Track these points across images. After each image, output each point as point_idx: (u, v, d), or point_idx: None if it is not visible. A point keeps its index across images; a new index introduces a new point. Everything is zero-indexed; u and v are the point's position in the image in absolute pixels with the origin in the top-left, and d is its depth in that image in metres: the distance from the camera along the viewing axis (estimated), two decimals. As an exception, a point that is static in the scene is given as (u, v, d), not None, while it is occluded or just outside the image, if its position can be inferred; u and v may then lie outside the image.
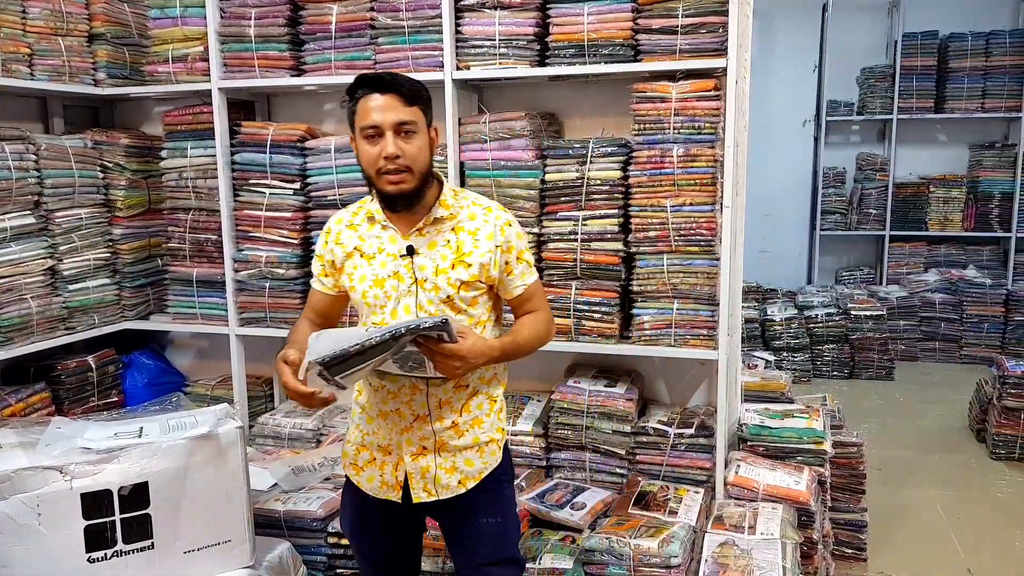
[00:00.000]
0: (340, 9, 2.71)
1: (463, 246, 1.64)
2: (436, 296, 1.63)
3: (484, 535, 1.74)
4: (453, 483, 1.70)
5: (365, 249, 1.67)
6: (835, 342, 5.41)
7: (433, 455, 1.69)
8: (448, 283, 1.62)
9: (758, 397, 3.06)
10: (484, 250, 1.64)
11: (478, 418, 1.72)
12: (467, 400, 1.71)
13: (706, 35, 2.41)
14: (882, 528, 3.11)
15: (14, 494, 1.68)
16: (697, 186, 2.45)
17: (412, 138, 1.56)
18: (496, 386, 1.77)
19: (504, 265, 1.68)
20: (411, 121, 1.56)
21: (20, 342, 2.69)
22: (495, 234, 1.66)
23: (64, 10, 2.87)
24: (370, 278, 1.65)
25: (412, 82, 1.60)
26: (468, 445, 1.71)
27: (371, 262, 1.66)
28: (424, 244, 1.64)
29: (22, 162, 2.67)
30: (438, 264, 1.63)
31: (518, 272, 1.71)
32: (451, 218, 1.66)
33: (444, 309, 1.64)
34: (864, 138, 6.79)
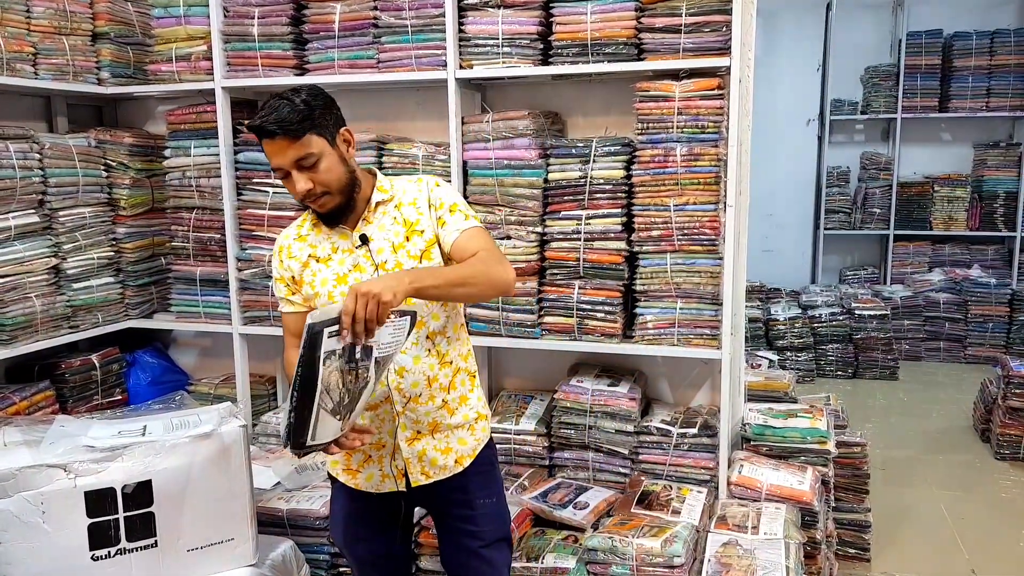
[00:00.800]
0: (343, 8, 2.71)
1: (409, 218, 1.67)
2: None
3: (485, 515, 1.77)
4: (450, 463, 1.73)
5: (319, 254, 1.69)
6: (839, 342, 5.41)
7: (428, 437, 1.72)
8: (408, 256, 1.64)
9: (761, 397, 3.05)
10: (424, 216, 1.67)
11: (464, 395, 1.76)
12: (452, 377, 1.73)
13: (709, 34, 2.41)
14: (886, 528, 3.10)
15: (18, 492, 1.68)
16: (700, 185, 2.44)
17: (316, 165, 1.57)
18: (471, 361, 1.80)
19: (437, 220, 1.68)
20: (307, 154, 1.55)
21: (24, 341, 2.69)
22: (429, 198, 1.69)
23: (68, 9, 2.88)
24: (332, 278, 1.66)
25: (291, 115, 1.53)
26: (460, 424, 1.74)
27: (328, 263, 1.68)
28: (374, 230, 1.67)
29: (26, 161, 2.68)
30: (393, 242, 1.65)
31: (453, 221, 1.67)
32: (391, 199, 1.69)
33: None
34: (868, 137, 6.78)
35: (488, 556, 1.77)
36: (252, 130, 1.58)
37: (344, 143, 1.63)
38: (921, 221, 6.38)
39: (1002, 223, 6.14)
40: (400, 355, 1.63)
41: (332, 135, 1.60)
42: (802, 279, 6.71)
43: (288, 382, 1.64)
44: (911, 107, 6.28)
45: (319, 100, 1.59)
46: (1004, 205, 6.12)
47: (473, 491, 1.76)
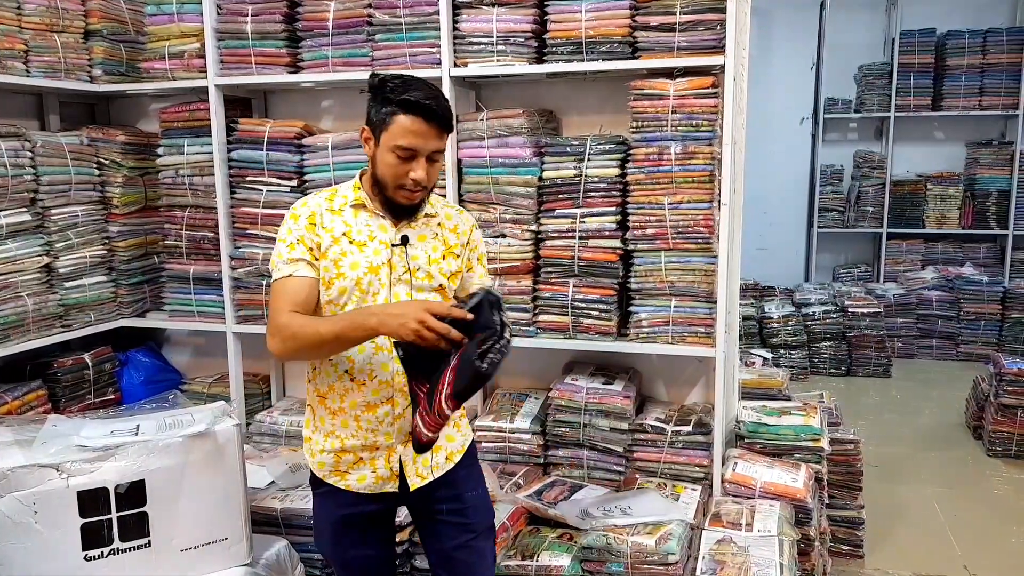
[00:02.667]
0: (337, 6, 2.71)
1: (448, 240, 1.74)
2: (429, 284, 1.68)
3: (474, 507, 1.79)
4: (442, 461, 1.75)
5: (355, 236, 1.65)
6: (832, 339, 5.42)
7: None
8: (441, 272, 1.70)
9: (755, 394, 3.06)
10: (460, 244, 1.75)
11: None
12: None
13: (704, 32, 2.41)
14: (879, 525, 3.11)
15: (10, 492, 1.68)
16: (695, 183, 2.45)
17: (437, 162, 1.63)
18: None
19: (466, 262, 1.77)
20: (442, 149, 1.62)
21: (16, 339, 2.68)
22: (465, 230, 1.77)
23: (60, 6, 2.86)
24: (363, 265, 1.63)
25: (448, 108, 1.62)
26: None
27: (363, 249, 1.64)
28: (415, 236, 1.69)
29: (17, 159, 2.66)
30: (430, 255, 1.69)
31: (478, 272, 1.80)
32: (435, 215, 1.74)
33: (436, 297, 1.69)
34: (862, 136, 6.80)
35: (479, 547, 1.78)
36: (411, 105, 1.55)
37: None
38: (914, 219, 6.41)
39: (994, 221, 6.17)
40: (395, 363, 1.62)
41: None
42: (796, 277, 6.72)
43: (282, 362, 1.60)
44: (904, 106, 6.30)
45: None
46: (996, 203, 6.14)
47: (461, 485, 1.77)
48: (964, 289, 5.75)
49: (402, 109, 1.57)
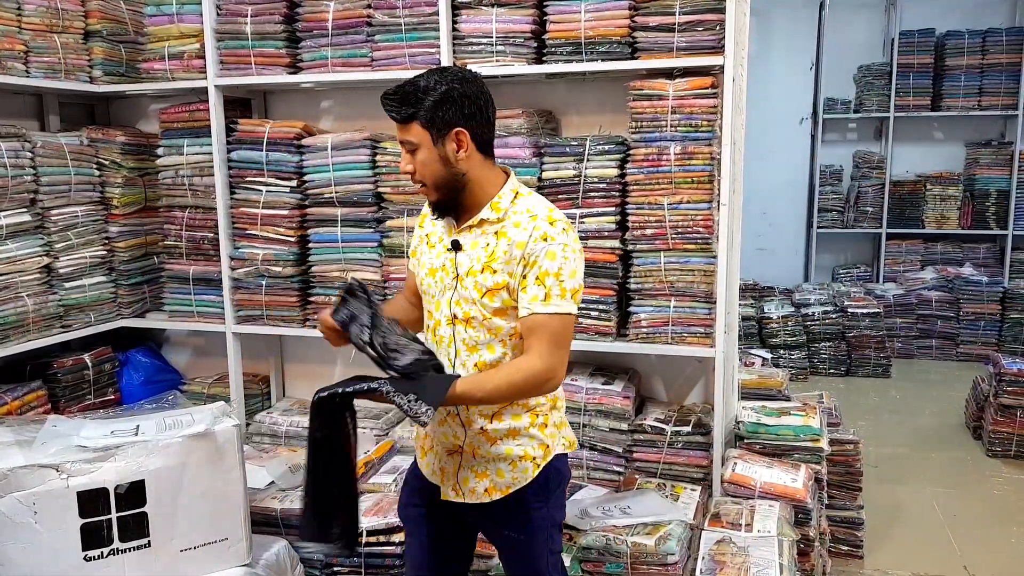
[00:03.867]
0: (337, 6, 2.71)
1: (496, 251, 1.57)
2: (469, 295, 1.60)
3: (509, 550, 1.72)
4: (480, 489, 1.65)
5: (431, 238, 1.71)
6: (832, 340, 5.42)
7: (469, 456, 1.66)
8: (475, 287, 1.59)
9: (755, 395, 3.06)
10: (511, 258, 1.55)
11: (515, 429, 1.64)
12: (499, 408, 1.63)
13: (703, 33, 2.41)
14: (879, 525, 3.11)
15: (10, 492, 1.68)
16: (694, 184, 2.45)
17: (416, 155, 1.57)
18: (540, 400, 1.67)
19: (521, 279, 1.55)
20: (409, 141, 1.56)
21: (16, 340, 2.68)
22: (527, 244, 1.55)
23: (60, 7, 2.86)
24: (427, 265, 1.68)
25: (411, 95, 1.53)
26: (501, 456, 1.64)
27: (432, 250, 1.69)
28: (469, 242, 1.62)
29: (18, 159, 2.67)
30: (472, 265, 1.60)
31: (530, 294, 1.54)
32: (498, 222, 1.60)
33: (472, 311, 1.60)
34: (861, 136, 6.80)
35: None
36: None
37: (454, 143, 1.55)
38: (913, 219, 6.41)
39: (994, 221, 6.17)
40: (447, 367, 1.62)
41: (440, 131, 1.54)
42: (795, 277, 6.72)
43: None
44: (903, 106, 6.29)
45: (440, 89, 1.52)
46: (996, 203, 6.14)
47: (501, 522, 1.69)
48: (964, 289, 5.75)
49: None
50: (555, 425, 1.70)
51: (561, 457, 1.72)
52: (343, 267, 2.85)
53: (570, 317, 1.56)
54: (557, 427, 1.71)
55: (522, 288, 1.55)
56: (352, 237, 2.82)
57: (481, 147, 1.59)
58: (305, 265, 2.90)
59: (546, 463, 1.67)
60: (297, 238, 2.88)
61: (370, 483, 2.55)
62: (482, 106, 1.57)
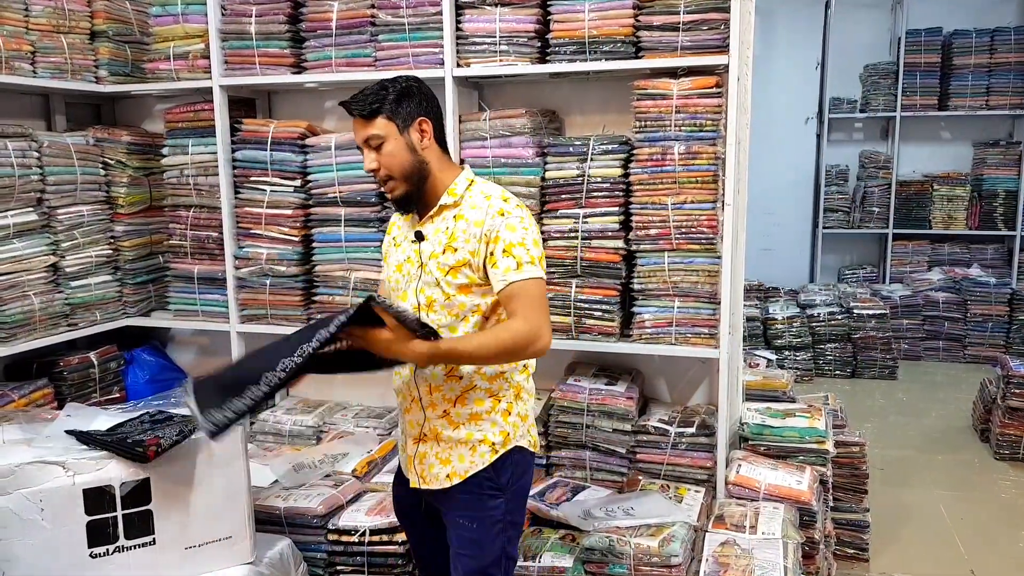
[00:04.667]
0: (341, 6, 2.71)
1: (456, 232, 1.66)
2: (431, 279, 1.67)
3: (459, 541, 1.72)
4: (441, 475, 1.71)
5: (398, 238, 1.79)
6: (837, 341, 5.40)
7: (432, 443, 1.72)
8: (438, 267, 1.66)
9: (760, 396, 3.05)
10: (471, 236, 1.63)
11: (476, 414, 1.69)
12: (462, 392, 1.69)
13: (708, 32, 2.40)
14: (884, 528, 3.10)
15: (17, 489, 1.69)
16: (698, 184, 2.44)
17: (381, 149, 1.64)
18: (502, 386, 1.71)
19: (488, 256, 1.62)
20: (374, 135, 1.64)
21: (23, 338, 2.69)
22: (484, 221, 1.63)
23: (66, 7, 2.87)
24: (394, 263, 1.77)
25: (371, 94, 1.63)
26: (462, 439, 1.69)
27: (398, 249, 1.77)
28: (431, 230, 1.70)
29: (24, 159, 2.68)
30: (434, 249, 1.68)
31: (502, 267, 1.60)
32: (455, 206, 1.69)
33: (434, 294, 1.68)
34: (867, 135, 6.77)
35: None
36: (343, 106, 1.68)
37: (418, 132, 1.66)
38: (920, 220, 6.38)
39: (1002, 222, 6.14)
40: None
41: (404, 122, 1.64)
42: (800, 278, 6.70)
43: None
44: (910, 105, 6.27)
45: (400, 86, 1.65)
46: (1004, 204, 6.11)
47: (456, 507, 1.72)
48: (971, 290, 5.72)
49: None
50: (519, 416, 1.73)
51: (523, 451, 1.74)
52: (346, 267, 2.85)
53: (542, 281, 1.63)
54: (521, 418, 1.74)
55: (491, 264, 1.62)
56: (355, 237, 2.82)
57: (439, 140, 1.71)
58: (309, 265, 2.91)
59: (505, 450, 1.70)
60: (301, 238, 2.88)
61: (372, 482, 2.56)
62: (435, 104, 1.71)
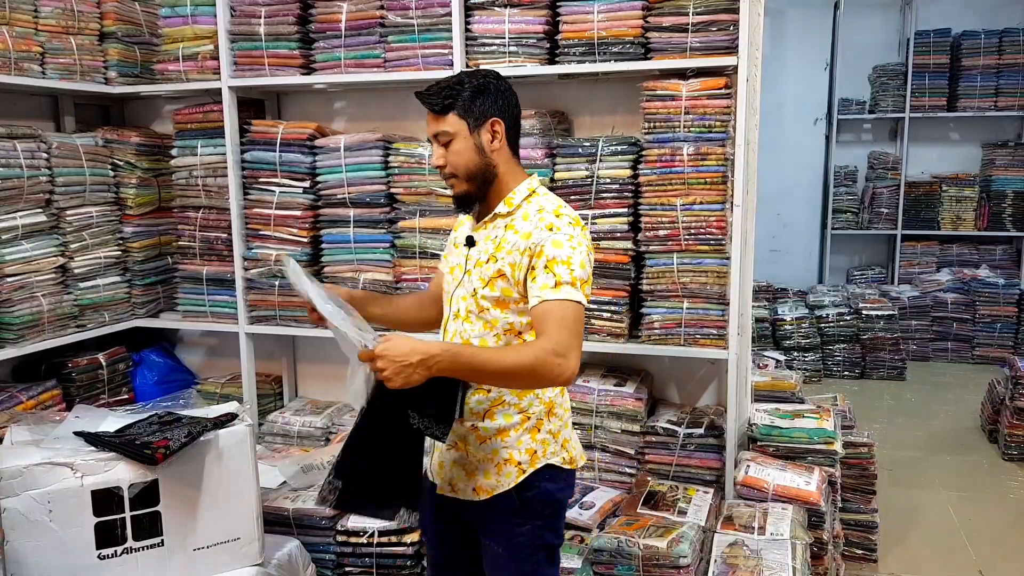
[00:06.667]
0: (350, 7, 2.71)
1: (504, 243, 1.58)
2: (469, 287, 1.62)
3: (489, 558, 1.66)
4: (469, 489, 1.63)
5: (457, 239, 1.74)
6: (846, 342, 5.38)
7: (462, 454, 1.64)
8: (479, 277, 1.60)
9: (768, 397, 3.04)
10: (514, 247, 1.55)
11: (503, 429, 1.60)
12: (490, 406, 1.60)
13: (717, 33, 2.40)
14: (893, 529, 3.09)
15: (25, 490, 1.69)
16: (707, 185, 2.44)
17: (450, 146, 1.59)
18: (532, 401, 1.61)
19: (529, 271, 1.53)
20: (443, 131, 1.58)
21: (31, 339, 2.70)
22: (532, 234, 1.54)
23: (76, 8, 2.88)
24: (447, 265, 1.74)
25: (446, 88, 1.57)
26: (488, 456, 1.60)
27: (456, 250, 1.72)
28: (483, 237, 1.64)
29: (33, 160, 2.69)
30: (480, 257, 1.62)
31: (540, 282, 1.50)
32: (508, 215, 1.62)
33: (470, 304, 1.61)
34: (876, 136, 6.75)
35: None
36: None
37: (489, 133, 1.59)
38: (929, 221, 6.35)
39: (1010, 223, 6.10)
40: None
41: (476, 120, 1.58)
42: (809, 279, 6.68)
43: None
44: (919, 106, 6.24)
45: (475, 82, 1.59)
46: (1013, 205, 6.07)
47: (485, 529, 1.65)
48: (980, 291, 5.69)
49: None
50: (550, 433, 1.62)
51: (554, 470, 1.62)
52: (355, 268, 2.85)
53: (581, 307, 1.50)
54: (552, 435, 1.62)
55: (531, 278, 1.52)
56: (364, 238, 2.82)
57: (511, 143, 1.64)
58: (318, 266, 2.91)
59: (533, 470, 1.59)
60: (310, 239, 2.88)
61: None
62: (513, 104, 1.64)
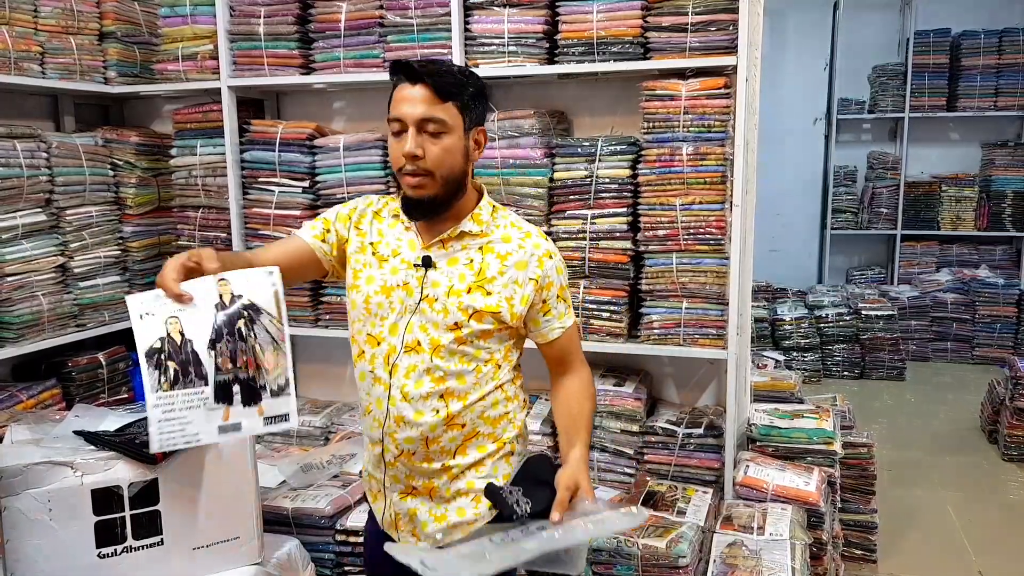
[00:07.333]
0: (349, 7, 2.72)
1: (487, 269, 1.43)
2: (443, 320, 1.42)
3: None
4: (441, 532, 1.49)
5: (380, 249, 1.49)
6: (845, 342, 5.39)
7: (425, 498, 1.49)
8: (459, 308, 1.41)
9: (768, 397, 3.04)
10: (510, 280, 1.43)
11: (479, 461, 1.49)
12: (463, 442, 1.48)
13: (716, 33, 2.40)
14: (892, 529, 3.09)
15: (26, 489, 1.69)
16: (707, 184, 2.44)
17: (439, 138, 1.37)
18: (507, 428, 1.52)
19: (540, 304, 1.46)
20: (438, 119, 1.36)
21: (31, 338, 2.70)
22: (529, 264, 1.44)
23: (75, 8, 2.88)
24: (378, 282, 1.46)
25: (451, 74, 1.38)
26: (462, 491, 1.49)
27: (383, 264, 1.47)
28: (444, 258, 1.44)
29: (33, 160, 2.69)
30: (453, 284, 1.42)
31: (556, 313, 1.48)
32: (482, 235, 1.45)
33: (450, 336, 1.42)
34: (875, 136, 6.75)
35: None
36: (397, 68, 1.38)
37: (474, 141, 1.43)
38: (929, 221, 6.35)
39: (1010, 223, 6.10)
40: (400, 401, 1.44)
41: (471, 123, 1.41)
42: (809, 279, 6.68)
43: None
44: (919, 106, 6.24)
45: (478, 82, 1.43)
46: (1012, 205, 6.07)
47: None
48: (979, 291, 5.69)
49: (394, 77, 1.40)
50: (520, 456, 1.56)
51: None
52: (355, 267, 2.85)
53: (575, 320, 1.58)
54: (520, 458, 1.56)
55: (543, 312, 1.48)
56: (364, 237, 2.82)
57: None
58: (317, 265, 2.91)
59: None
60: (309, 238, 2.88)
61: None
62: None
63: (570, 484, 1.39)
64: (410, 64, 1.36)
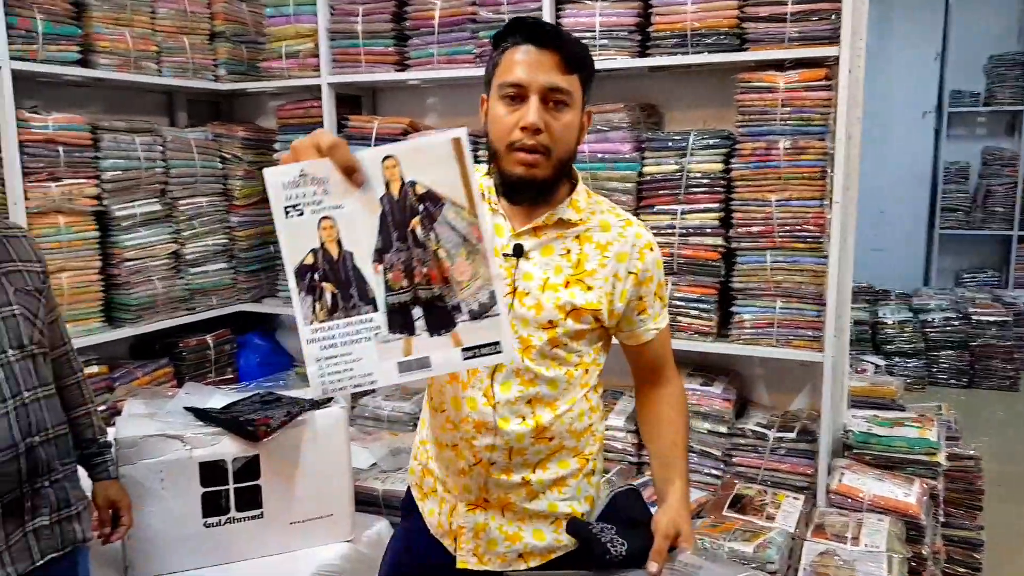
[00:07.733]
0: (443, 4, 2.77)
1: (585, 261, 1.26)
2: (536, 317, 1.24)
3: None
4: (512, 555, 1.30)
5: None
6: (953, 348, 5.08)
7: (496, 512, 1.31)
8: (555, 305, 1.23)
9: (866, 403, 2.91)
10: (609, 274, 1.26)
11: (561, 479, 1.31)
12: (547, 456, 1.30)
13: (817, 22, 2.31)
14: (1000, 548, 2.90)
15: (141, 459, 1.83)
16: (804, 180, 2.35)
17: (563, 112, 1.19)
18: (589, 441, 1.35)
19: (637, 301, 1.30)
20: (566, 90, 1.18)
21: (147, 320, 2.90)
22: (630, 256, 1.27)
23: (188, 10, 3.06)
24: None
25: (577, 43, 1.22)
26: (542, 512, 1.30)
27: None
28: (538, 248, 1.26)
29: (150, 153, 2.88)
30: (549, 277, 1.24)
31: (653, 312, 1.32)
32: (580, 223, 1.27)
33: (543, 337, 1.24)
34: (991, 131, 6.32)
35: None
36: (518, 27, 1.20)
37: (585, 121, 1.28)
38: (1050, 221, 5.91)
39: None
40: (484, 406, 1.26)
41: (586, 101, 1.26)
42: (914, 281, 6.33)
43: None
44: (1042, 98, 5.81)
45: (592, 60, 1.27)
46: None
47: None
48: (1108, 298, 5.25)
49: (512, 39, 1.20)
50: (602, 474, 1.42)
51: None
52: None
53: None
54: (603, 475, 1.44)
55: (639, 310, 1.31)
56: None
57: None
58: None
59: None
60: (401, 230, 2.96)
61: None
62: None
63: (669, 532, 1.25)
64: (540, 24, 1.20)
